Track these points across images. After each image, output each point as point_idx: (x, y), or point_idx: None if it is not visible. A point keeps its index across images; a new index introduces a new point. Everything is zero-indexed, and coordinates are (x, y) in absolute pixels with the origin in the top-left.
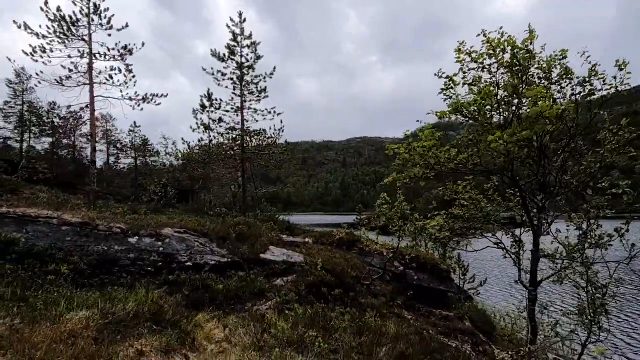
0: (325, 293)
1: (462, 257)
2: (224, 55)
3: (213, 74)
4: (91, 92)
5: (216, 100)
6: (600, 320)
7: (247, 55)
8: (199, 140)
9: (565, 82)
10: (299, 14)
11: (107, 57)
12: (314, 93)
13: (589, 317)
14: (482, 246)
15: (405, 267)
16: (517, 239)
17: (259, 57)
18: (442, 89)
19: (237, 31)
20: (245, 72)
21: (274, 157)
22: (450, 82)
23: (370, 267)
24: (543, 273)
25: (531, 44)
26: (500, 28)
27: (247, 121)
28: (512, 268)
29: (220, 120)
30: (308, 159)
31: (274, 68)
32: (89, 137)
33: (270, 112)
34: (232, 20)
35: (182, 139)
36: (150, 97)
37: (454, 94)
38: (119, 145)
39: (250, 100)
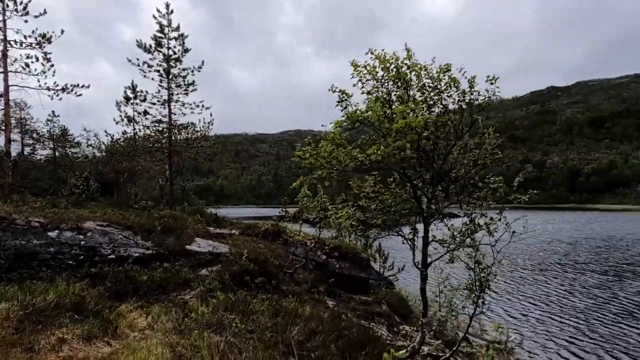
0: (248, 281)
1: (384, 247)
2: (150, 46)
3: (139, 65)
4: (5, 80)
5: (141, 92)
6: (484, 296)
7: (175, 47)
8: (123, 133)
9: (453, 90)
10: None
11: (24, 45)
12: (248, 83)
13: (475, 292)
14: (393, 235)
15: (328, 257)
16: (412, 227)
17: (186, 50)
18: (338, 102)
19: (164, 22)
20: (173, 65)
21: (203, 150)
22: (344, 95)
23: (294, 257)
24: (445, 257)
25: (409, 60)
26: (382, 50)
27: (175, 114)
28: (432, 256)
29: (146, 112)
30: (241, 152)
31: (202, 62)
32: (3, 128)
33: (198, 106)
34: (158, 11)
35: (105, 131)
36: (71, 88)
37: (348, 104)
38: (35, 135)
39: (177, 94)
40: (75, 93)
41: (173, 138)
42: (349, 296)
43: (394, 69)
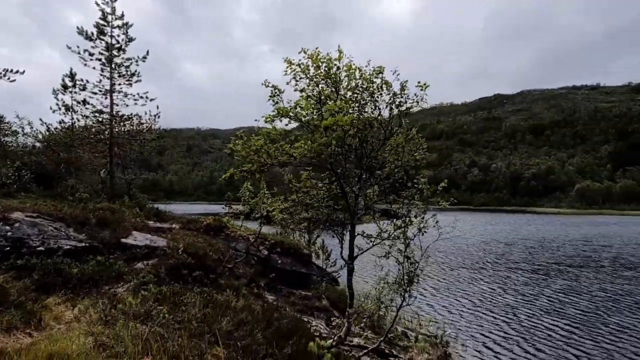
0: (185, 275)
1: (330, 245)
2: (92, 34)
3: (79, 53)
4: None
5: (81, 80)
6: (411, 289)
7: (118, 36)
8: (60, 122)
9: (385, 91)
10: None
11: None
12: (203, 77)
13: (404, 286)
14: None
15: (270, 252)
16: (342, 221)
17: (130, 39)
18: (270, 96)
19: (108, 10)
20: (115, 54)
21: (148, 144)
22: (276, 91)
23: (235, 252)
24: (392, 253)
25: (339, 62)
26: (316, 48)
27: (117, 105)
28: (376, 252)
29: (86, 102)
30: (193, 147)
31: (147, 52)
32: None
33: (142, 97)
34: None
35: (40, 119)
36: (3, 72)
37: (280, 100)
38: None
39: (120, 84)
40: (9, 78)
41: (116, 130)
42: (290, 291)
43: (325, 69)
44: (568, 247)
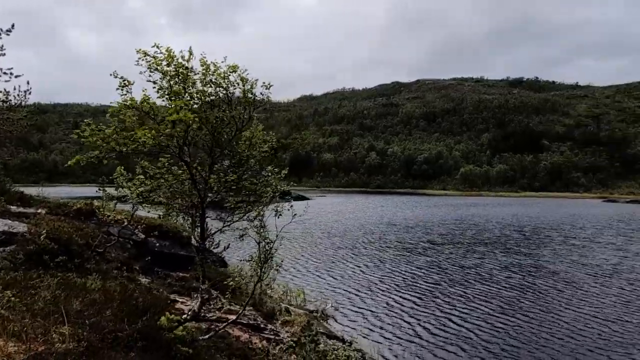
0: (47, 261)
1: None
2: None
3: None
4: None
5: None
6: (266, 266)
7: None
8: None
9: (239, 88)
10: None
11: None
12: (92, 48)
13: (260, 263)
14: (221, 216)
15: (147, 235)
16: (195, 204)
17: None
18: (119, 87)
19: None
20: None
21: (17, 122)
22: (125, 82)
23: (107, 236)
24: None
25: (188, 62)
26: (165, 45)
27: None
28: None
29: None
30: (81, 124)
31: (13, 25)
32: None
33: (6, 73)
34: None
35: None
36: None
37: (129, 90)
38: None
39: None
40: None
41: None
42: (167, 273)
43: (175, 66)
44: (441, 226)
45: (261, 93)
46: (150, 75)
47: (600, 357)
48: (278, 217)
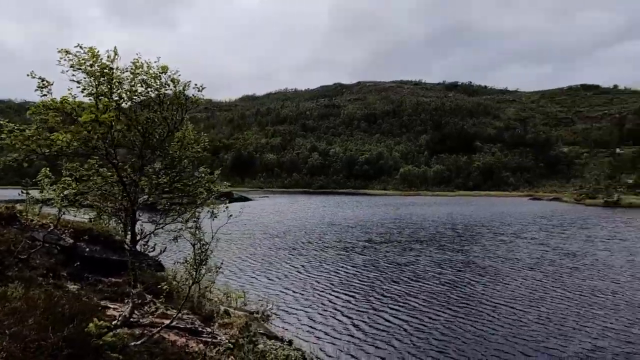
0: None
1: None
2: None
3: None
4: None
5: None
6: (202, 268)
7: None
8: None
9: (170, 89)
10: None
11: None
12: (17, 40)
13: (195, 266)
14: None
15: (76, 240)
16: (126, 207)
17: None
18: (37, 87)
19: None
20: None
21: None
22: (44, 82)
23: (32, 241)
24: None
25: (113, 62)
26: (90, 45)
27: None
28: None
29: None
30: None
31: None
32: None
33: None
34: None
35: None
36: None
37: (49, 91)
38: None
39: None
40: None
41: None
42: (99, 279)
43: (99, 66)
44: (379, 226)
45: (193, 95)
46: (73, 75)
47: (518, 343)
48: (213, 220)
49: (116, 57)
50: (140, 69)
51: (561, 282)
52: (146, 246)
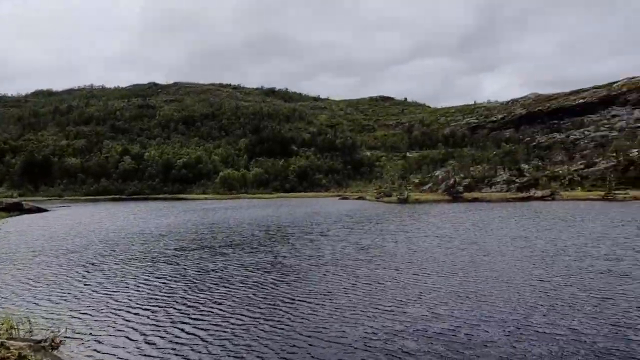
0: None
1: None
2: None
3: None
4: None
5: None
6: None
7: None
8: None
9: None
10: None
11: None
12: None
13: None
14: None
15: None
16: None
17: None
18: None
19: None
20: None
21: None
22: None
23: None
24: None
25: None
26: None
27: None
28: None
29: None
30: None
31: None
32: None
33: None
34: None
35: None
36: None
37: None
38: None
39: None
40: None
41: None
42: None
43: None
44: (193, 232)
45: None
46: None
47: (312, 336)
48: None
49: None
50: None
51: (354, 274)
52: None
